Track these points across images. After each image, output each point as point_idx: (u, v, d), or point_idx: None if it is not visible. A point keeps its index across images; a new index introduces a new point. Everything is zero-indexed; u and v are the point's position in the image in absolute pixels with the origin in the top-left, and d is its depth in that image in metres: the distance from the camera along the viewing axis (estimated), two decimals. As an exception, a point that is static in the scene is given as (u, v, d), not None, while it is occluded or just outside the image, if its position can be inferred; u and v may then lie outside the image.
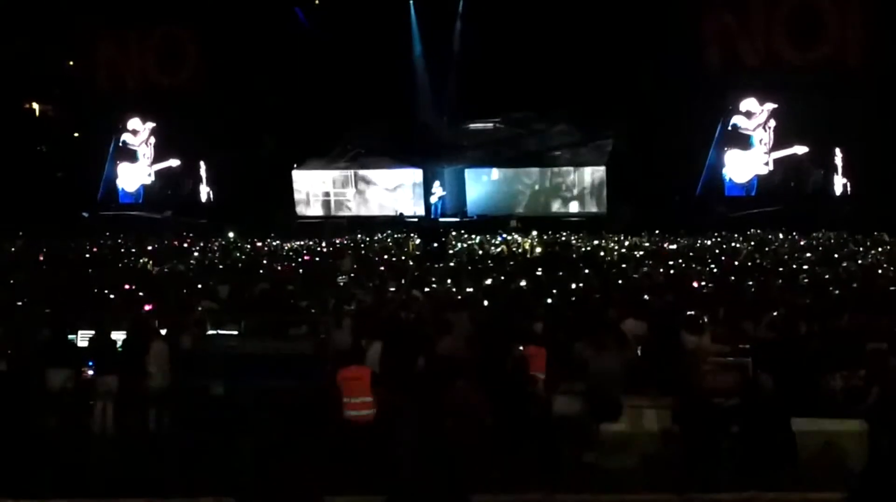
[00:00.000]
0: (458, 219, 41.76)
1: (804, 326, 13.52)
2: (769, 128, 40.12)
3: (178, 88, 44.17)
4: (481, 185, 43.31)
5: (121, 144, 46.70)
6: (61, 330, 13.32)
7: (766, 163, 40.38)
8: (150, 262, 28.16)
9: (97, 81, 45.53)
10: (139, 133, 46.59)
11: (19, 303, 17.14)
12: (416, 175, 43.66)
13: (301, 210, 44.32)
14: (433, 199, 42.88)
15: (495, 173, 43.45)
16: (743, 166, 40.68)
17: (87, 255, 31.55)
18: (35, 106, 45.35)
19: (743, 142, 40.53)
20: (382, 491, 6.87)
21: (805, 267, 23.74)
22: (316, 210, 44.46)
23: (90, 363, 12.64)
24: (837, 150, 39.03)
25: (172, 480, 9.28)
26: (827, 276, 20.90)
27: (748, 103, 40.13)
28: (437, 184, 42.92)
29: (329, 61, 40.48)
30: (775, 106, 39.62)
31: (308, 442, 9.81)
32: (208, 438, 10.75)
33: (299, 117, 40.98)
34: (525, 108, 42.41)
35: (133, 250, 32.82)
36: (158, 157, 46.48)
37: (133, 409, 11.89)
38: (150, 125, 46.29)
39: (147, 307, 16.27)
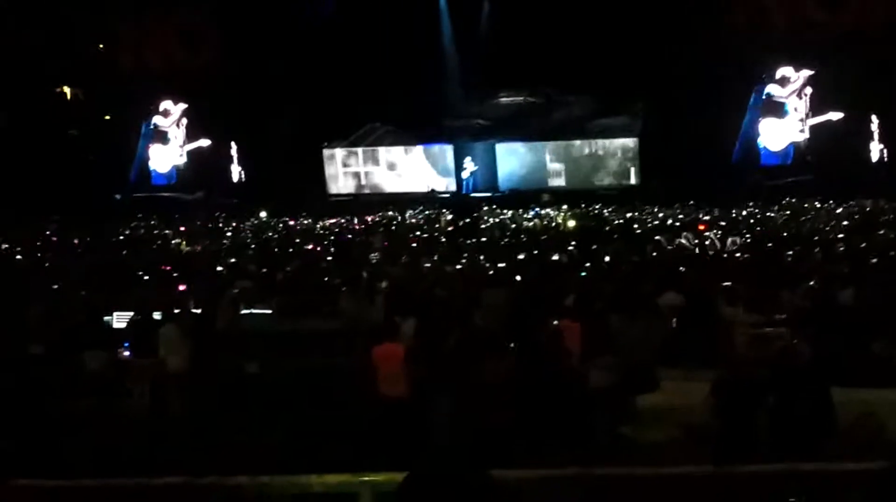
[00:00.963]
0: (489, 195, 41.62)
1: (841, 295, 13.34)
2: (805, 95, 39.54)
3: (204, 69, 44.19)
4: (513, 160, 43.10)
5: (152, 126, 46.87)
6: (97, 312, 13.40)
7: (802, 131, 39.85)
8: (183, 243, 28.31)
9: (124, 64, 45.66)
10: (170, 114, 46.73)
11: (55, 287, 17.27)
12: (446, 151, 43.52)
13: (332, 188, 44.34)
14: (464, 175, 42.73)
15: (526, 147, 43.20)
16: (778, 134, 40.20)
17: (121, 237, 31.76)
18: (66, 90, 45.59)
19: (777, 110, 40.02)
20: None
21: (841, 235, 23.45)
22: (347, 188, 44.46)
23: (126, 345, 12.72)
24: (874, 117, 38.44)
25: (207, 460, 9.30)
26: (863, 245, 20.63)
27: (784, 70, 39.58)
28: (468, 159, 42.75)
29: (358, 38, 40.29)
30: (811, 72, 39.04)
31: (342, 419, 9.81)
32: (243, 417, 10.78)
33: (328, 95, 40.88)
34: (554, 81, 42.07)
35: (166, 231, 33.02)
36: (190, 138, 46.62)
37: (168, 390, 11.93)
38: (182, 106, 46.40)
39: (181, 288, 16.35)
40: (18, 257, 25.93)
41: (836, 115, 38.84)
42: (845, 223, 27.59)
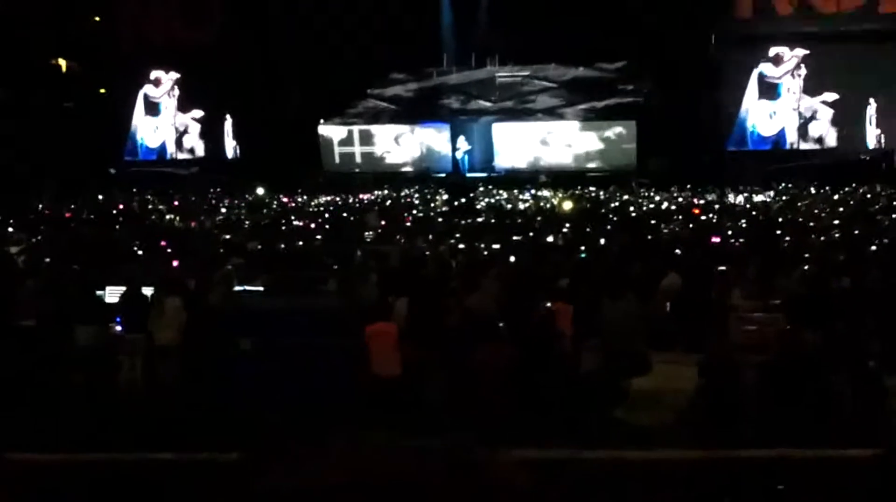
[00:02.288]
0: (485, 175, 41.56)
1: (837, 281, 13.33)
2: (798, 75, 39.36)
3: (202, 42, 43.96)
4: (509, 140, 43.01)
5: (142, 97, 46.61)
6: (89, 286, 13.35)
7: (797, 113, 39.72)
8: (177, 218, 28.23)
9: (122, 37, 45.41)
10: (161, 84, 46.42)
11: (47, 260, 17.20)
12: (442, 130, 43.43)
13: (328, 165, 44.22)
14: (458, 154, 42.65)
15: (523, 127, 43.10)
16: (770, 117, 40.08)
17: (115, 212, 31.67)
18: (62, 62, 45.34)
19: (771, 91, 39.88)
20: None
21: (837, 222, 23.44)
22: (343, 166, 44.35)
23: (118, 319, 12.67)
24: (871, 100, 38.33)
25: (200, 436, 9.27)
26: (857, 232, 20.63)
27: (778, 49, 39.39)
28: (461, 138, 42.65)
29: (357, 15, 40.14)
30: (806, 52, 38.85)
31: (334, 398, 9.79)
32: (236, 394, 10.75)
33: (325, 71, 40.74)
34: (552, 60, 41.97)
35: (161, 206, 32.92)
36: (182, 110, 46.35)
37: (160, 365, 11.90)
38: (174, 76, 46.12)
39: (174, 263, 16.29)
40: (10, 230, 25.82)
41: (831, 97, 38.72)
42: (841, 209, 27.58)
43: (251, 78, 41.20)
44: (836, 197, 32.07)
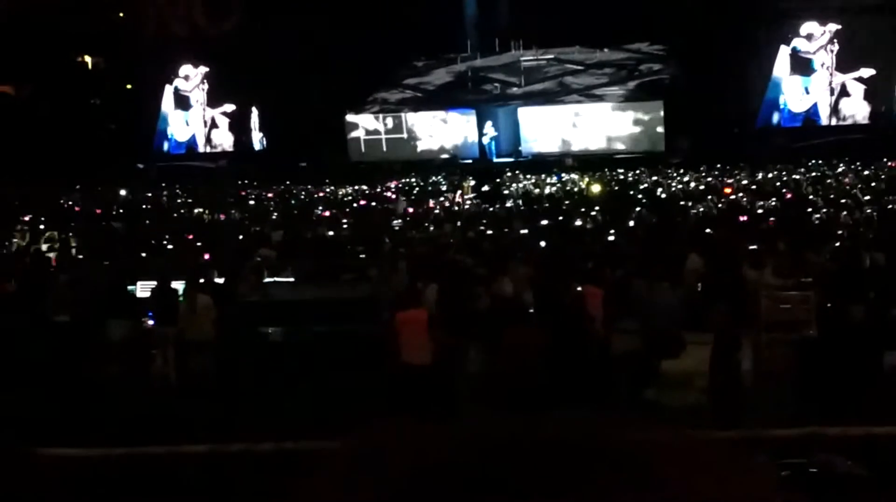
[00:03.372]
0: (512, 160, 41.42)
1: (868, 257, 13.18)
2: (831, 51, 38.85)
3: (226, 33, 44.06)
4: (536, 124, 42.82)
5: (173, 92, 46.83)
6: (121, 281, 13.45)
7: (829, 88, 39.24)
8: (206, 211, 28.36)
9: (146, 32, 45.60)
10: (191, 79, 46.63)
11: (80, 256, 17.35)
12: (469, 116, 43.30)
13: (355, 155, 44.21)
14: (485, 140, 42.52)
15: (549, 111, 42.88)
16: (804, 93, 39.63)
17: (145, 206, 31.88)
18: (87, 59, 45.62)
19: (804, 66, 39.40)
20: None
21: (868, 198, 23.20)
22: (370, 154, 44.32)
23: (150, 313, 12.75)
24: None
25: (233, 426, 9.33)
26: (890, 207, 20.42)
27: (808, 26, 38.89)
28: (488, 124, 42.50)
29: (381, 3, 40.05)
30: (838, 27, 38.34)
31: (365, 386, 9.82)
32: (267, 384, 10.81)
33: (350, 60, 40.70)
34: (576, 43, 41.74)
35: (190, 200, 33.09)
36: (211, 104, 46.56)
37: (191, 358, 11.96)
38: (203, 70, 46.30)
39: (205, 256, 16.38)
40: (43, 227, 26.05)
41: (867, 72, 38.18)
42: (873, 185, 27.27)
43: (276, 69, 41.23)
44: (866, 173, 31.70)
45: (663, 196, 27.54)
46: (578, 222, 20.48)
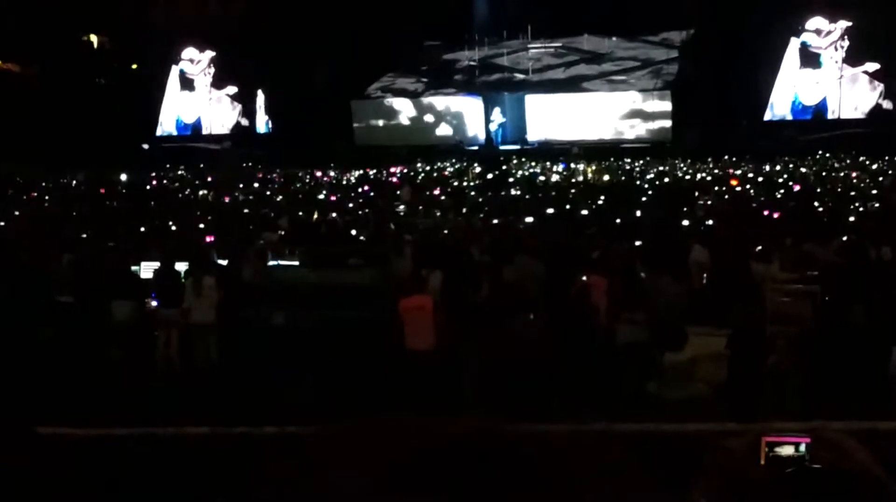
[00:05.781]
0: (518, 147, 41.34)
1: (874, 252, 13.12)
2: (841, 46, 38.76)
3: (233, 15, 43.95)
4: (542, 112, 42.70)
5: (179, 74, 46.76)
6: (125, 262, 13.43)
7: (838, 83, 39.13)
8: (210, 193, 28.33)
9: (153, 12, 45.48)
10: (197, 62, 46.56)
11: (83, 236, 17.32)
12: (475, 102, 43.20)
13: (360, 139, 44.15)
14: (492, 127, 42.43)
15: (556, 99, 42.75)
16: (813, 86, 39.51)
17: (148, 187, 31.85)
18: (93, 38, 45.52)
19: (813, 61, 39.29)
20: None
21: (875, 191, 23.13)
22: (375, 139, 44.24)
23: (153, 295, 12.73)
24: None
25: (236, 410, 9.32)
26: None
27: (817, 22, 38.79)
28: (496, 110, 42.41)
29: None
30: (849, 23, 38.23)
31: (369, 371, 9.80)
32: (270, 368, 10.79)
33: (358, 46, 40.60)
34: (587, 31, 41.59)
35: (196, 182, 33.06)
36: (216, 86, 46.48)
37: (194, 340, 11.96)
38: (210, 54, 46.23)
39: (208, 238, 16.35)
40: (47, 205, 26.05)
41: (872, 67, 38.11)
42: (881, 179, 27.18)
43: (283, 52, 41.13)
44: (874, 166, 31.60)
45: (670, 186, 27.46)
46: (584, 212, 20.42)
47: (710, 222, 17.15)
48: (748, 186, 26.15)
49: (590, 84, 42.75)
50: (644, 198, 22.89)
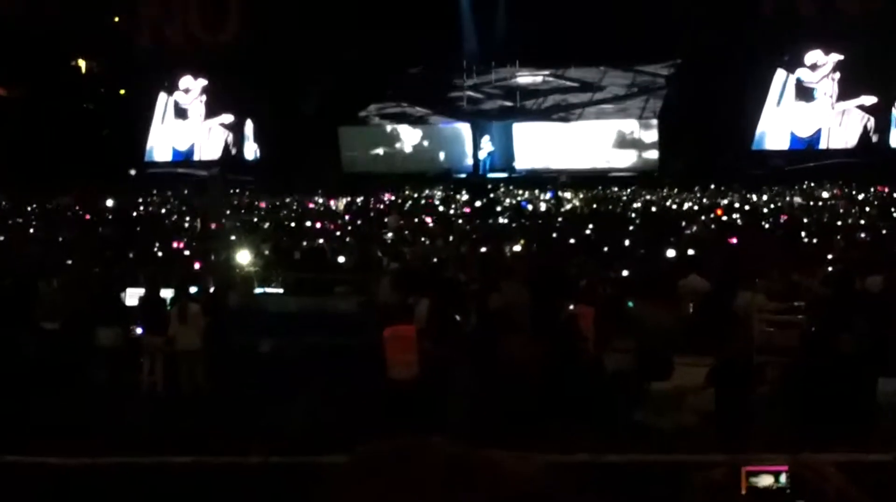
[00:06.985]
0: (506, 175, 41.39)
1: (860, 282, 13.15)
2: (834, 79, 39.04)
3: (221, 43, 44.04)
4: (530, 140, 42.76)
5: (172, 103, 46.75)
6: (110, 288, 13.37)
7: (831, 115, 39.37)
8: (198, 221, 28.26)
9: (141, 38, 45.53)
10: (190, 91, 46.61)
11: (69, 262, 17.24)
12: (464, 130, 43.25)
13: (348, 167, 44.05)
14: (482, 155, 42.47)
15: (544, 127, 42.84)
16: (806, 119, 39.73)
17: (135, 213, 31.77)
18: (81, 63, 45.51)
19: (807, 94, 39.55)
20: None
21: (862, 221, 23.24)
22: (363, 166, 44.15)
23: (138, 321, 12.67)
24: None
25: (221, 438, 9.25)
26: (885, 232, 20.42)
27: (813, 55, 39.08)
28: (485, 138, 42.46)
29: (376, 15, 39.99)
30: (841, 57, 38.54)
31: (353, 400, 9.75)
32: (256, 396, 10.72)
33: (346, 74, 40.68)
34: (575, 59, 41.78)
35: (183, 208, 32.99)
36: (209, 115, 46.50)
37: (179, 368, 11.88)
38: (202, 83, 46.26)
39: (195, 265, 16.30)
40: (32, 231, 25.95)
41: (868, 100, 38.38)
42: (867, 209, 27.32)
43: (271, 80, 41.18)
44: (860, 197, 31.78)
45: (657, 215, 27.55)
46: (571, 240, 20.44)
47: (694, 251, 17.15)
48: (733, 215, 26.24)
49: (578, 113, 42.88)
50: (631, 227, 22.94)
